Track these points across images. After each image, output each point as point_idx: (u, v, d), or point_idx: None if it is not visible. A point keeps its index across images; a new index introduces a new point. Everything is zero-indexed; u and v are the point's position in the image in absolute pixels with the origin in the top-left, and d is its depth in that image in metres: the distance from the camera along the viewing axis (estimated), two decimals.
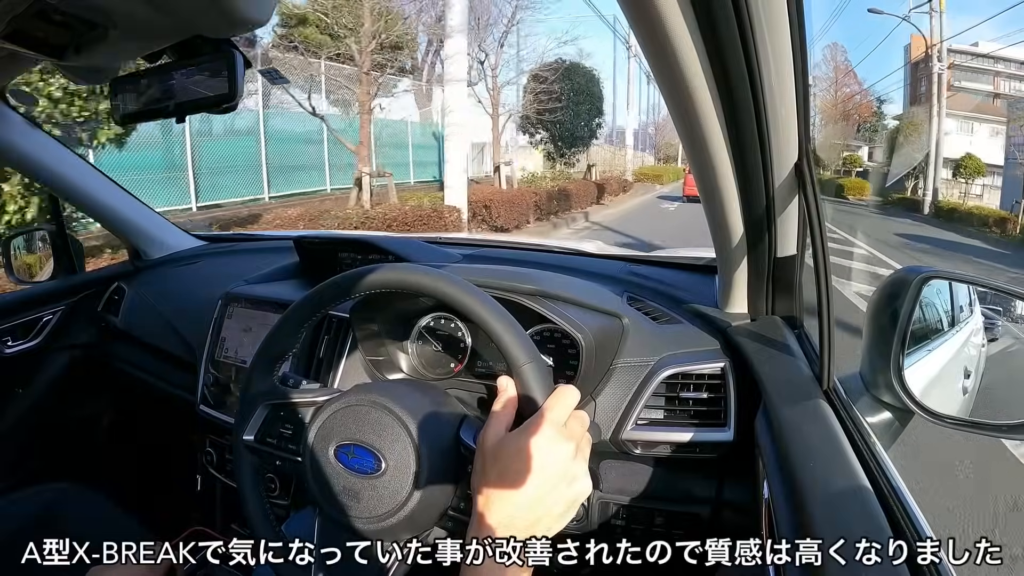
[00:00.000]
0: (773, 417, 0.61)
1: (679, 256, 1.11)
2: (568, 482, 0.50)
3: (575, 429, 0.52)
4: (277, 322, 0.65)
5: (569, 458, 0.50)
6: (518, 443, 0.50)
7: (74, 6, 0.46)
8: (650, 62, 0.49)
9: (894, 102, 22.99)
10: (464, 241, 1.32)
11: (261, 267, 1.15)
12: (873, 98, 23.98)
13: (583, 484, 0.51)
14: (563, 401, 0.52)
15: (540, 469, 0.49)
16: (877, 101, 23.88)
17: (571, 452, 0.50)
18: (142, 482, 1.36)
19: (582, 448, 0.52)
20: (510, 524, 0.48)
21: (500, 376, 0.55)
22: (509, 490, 0.48)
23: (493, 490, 0.49)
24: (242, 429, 0.64)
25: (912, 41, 20.27)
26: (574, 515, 0.52)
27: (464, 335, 0.84)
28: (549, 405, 0.52)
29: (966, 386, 0.77)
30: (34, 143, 1.11)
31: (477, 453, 0.52)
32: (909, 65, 21.05)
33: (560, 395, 0.52)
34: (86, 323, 1.35)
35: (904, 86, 21.98)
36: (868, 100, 24.10)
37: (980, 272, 7.55)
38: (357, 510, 0.55)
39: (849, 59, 24.14)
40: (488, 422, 0.52)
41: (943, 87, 17.80)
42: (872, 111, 24.18)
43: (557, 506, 0.50)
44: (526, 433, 0.50)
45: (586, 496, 0.52)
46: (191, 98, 0.53)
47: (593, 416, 0.76)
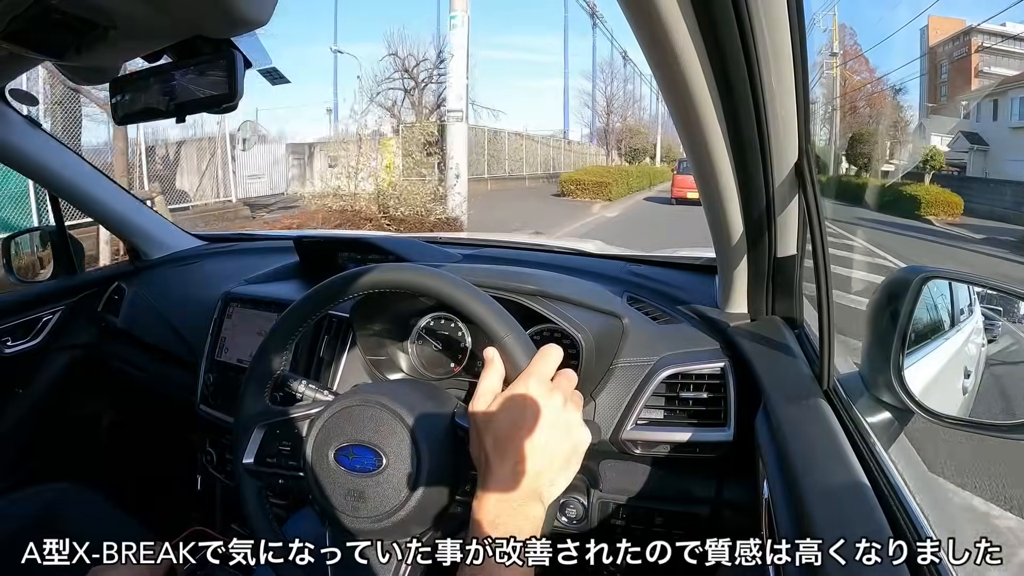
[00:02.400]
0: (773, 417, 0.61)
1: (679, 256, 1.11)
2: (563, 431, 0.51)
3: (561, 383, 0.53)
4: (263, 341, 0.65)
5: (559, 407, 0.51)
6: (506, 403, 0.50)
7: (74, 6, 0.46)
8: (650, 62, 0.49)
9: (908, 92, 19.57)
10: (464, 241, 1.32)
11: (261, 267, 1.16)
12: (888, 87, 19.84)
13: (581, 433, 0.52)
14: (546, 358, 0.53)
15: (532, 422, 0.49)
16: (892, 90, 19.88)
17: (559, 402, 0.51)
18: (142, 482, 1.36)
19: (572, 399, 0.52)
20: (513, 483, 0.48)
21: (486, 349, 0.55)
22: (505, 450, 0.49)
23: (491, 454, 0.49)
24: (240, 454, 0.64)
25: (930, 23, 18.18)
26: (578, 467, 0.52)
27: (464, 336, 0.84)
28: (532, 363, 0.52)
29: (966, 386, 0.77)
30: (34, 143, 1.11)
31: (471, 425, 0.53)
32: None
33: (544, 353, 0.53)
34: (86, 323, 1.35)
35: (921, 76, 18.85)
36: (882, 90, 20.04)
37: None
38: (364, 510, 0.55)
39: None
40: (476, 391, 0.53)
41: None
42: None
43: (557, 456, 0.50)
44: (513, 392, 0.51)
45: (586, 445, 0.52)
46: (191, 98, 0.53)
47: (593, 416, 0.76)
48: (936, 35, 18.61)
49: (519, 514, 0.48)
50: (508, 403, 0.51)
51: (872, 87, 19.39)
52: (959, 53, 18.09)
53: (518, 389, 0.51)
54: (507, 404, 0.51)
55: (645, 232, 8.70)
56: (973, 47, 17.75)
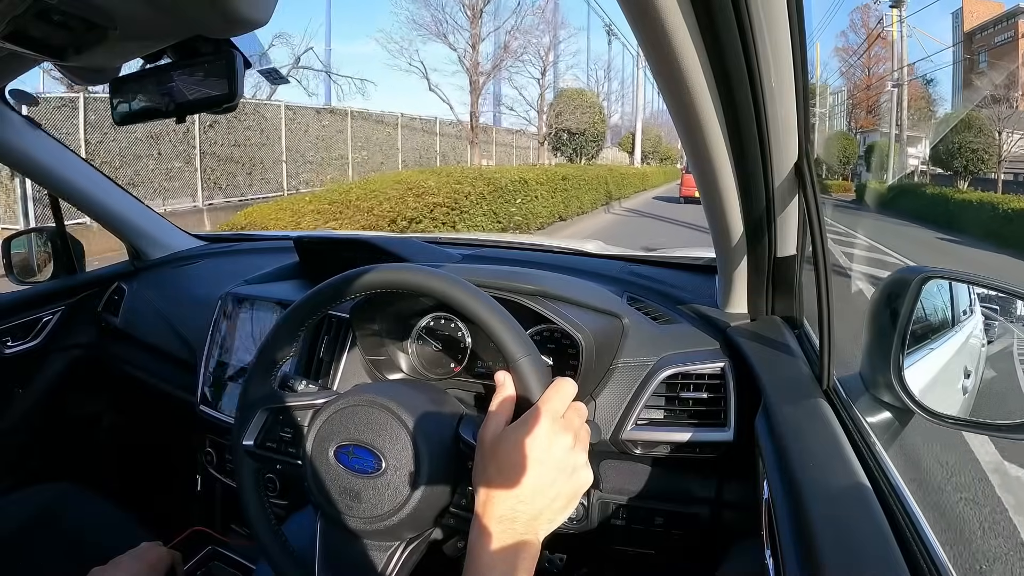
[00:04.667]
0: (773, 417, 0.61)
1: (679, 256, 1.11)
2: (568, 473, 0.50)
3: (573, 420, 0.52)
4: (273, 327, 0.65)
5: (568, 449, 0.50)
6: (516, 436, 0.50)
7: (74, 6, 0.46)
8: (650, 63, 0.49)
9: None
10: (464, 241, 1.32)
11: (261, 267, 1.15)
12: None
13: (584, 475, 0.51)
14: (560, 393, 0.52)
15: (539, 461, 0.49)
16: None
17: (569, 443, 0.50)
18: (142, 482, 1.36)
19: (581, 439, 0.52)
20: (512, 518, 0.48)
21: (497, 372, 0.55)
22: (509, 483, 0.48)
23: (494, 484, 0.49)
24: (242, 434, 0.64)
25: (964, 5, 15.92)
26: (576, 507, 0.52)
27: (464, 336, 0.84)
28: (547, 397, 0.52)
29: (966, 386, 0.77)
30: (34, 143, 1.11)
31: (477, 449, 0.52)
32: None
33: (557, 387, 0.52)
34: (86, 323, 1.35)
35: (953, 64, 16.16)
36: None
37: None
38: (359, 510, 0.55)
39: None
40: (487, 417, 0.52)
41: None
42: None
43: (558, 498, 0.50)
44: (524, 426, 0.50)
45: (587, 487, 0.52)
46: (191, 98, 0.53)
47: (593, 416, 0.76)
48: (972, 20, 16.10)
49: (516, 545, 0.48)
50: (518, 436, 0.50)
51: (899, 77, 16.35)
52: (1003, 38, 15.57)
53: (529, 423, 0.50)
54: (516, 437, 0.50)
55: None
56: (1022, 30, 14.95)
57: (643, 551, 0.79)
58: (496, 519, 0.48)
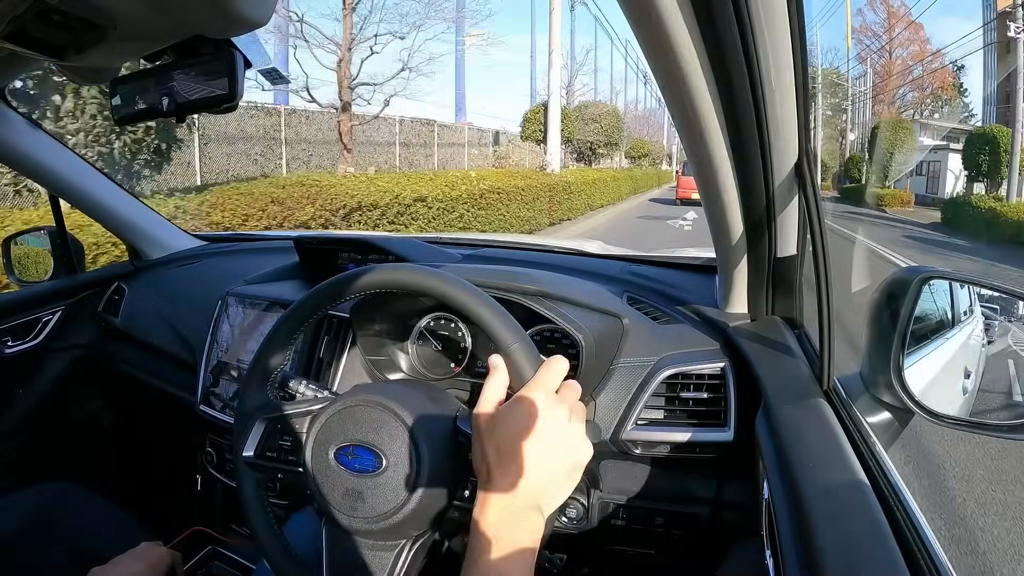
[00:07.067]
0: (773, 417, 0.61)
1: (679, 256, 1.11)
2: (566, 445, 0.50)
3: (567, 395, 0.52)
4: (269, 332, 0.64)
5: (564, 421, 0.50)
6: (511, 413, 0.50)
7: (74, 6, 0.46)
8: (650, 63, 0.49)
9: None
10: (464, 241, 1.32)
11: (261, 267, 1.15)
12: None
13: (582, 448, 0.52)
14: (553, 370, 0.52)
15: (535, 435, 0.49)
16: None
17: (565, 416, 0.51)
18: (142, 482, 1.36)
19: (576, 413, 0.52)
20: (514, 494, 0.48)
21: (491, 356, 0.55)
22: (507, 460, 0.49)
23: (493, 464, 0.49)
24: (241, 446, 0.63)
25: None
26: (578, 481, 0.52)
27: (464, 336, 0.84)
28: (539, 375, 0.52)
29: (966, 386, 0.77)
30: (34, 143, 1.11)
31: (473, 431, 0.52)
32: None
33: (550, 365, 0.53)
34: (86, 323, 1.35)
35: (985, 47, 14.58)
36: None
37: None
38: (362, 510, 0.55)
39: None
40: (480, 400, 0.53)
41: None
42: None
43: (559, 470, 0.50)
44: (517, 403, 0.50)
45: (587, 459, 0.52)
46: (191, 98, 0.53)
47: (593, 416, 0.76)
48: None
49: (520, 525, 0.48)
50: (512, 413, 0.50)
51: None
52: None
53: (523, 400, 0.51)
54: (511, 414, 0.50)
55: None
56: None
57: (643, 551, 0.79)
58: (497, 496, 0.48)
